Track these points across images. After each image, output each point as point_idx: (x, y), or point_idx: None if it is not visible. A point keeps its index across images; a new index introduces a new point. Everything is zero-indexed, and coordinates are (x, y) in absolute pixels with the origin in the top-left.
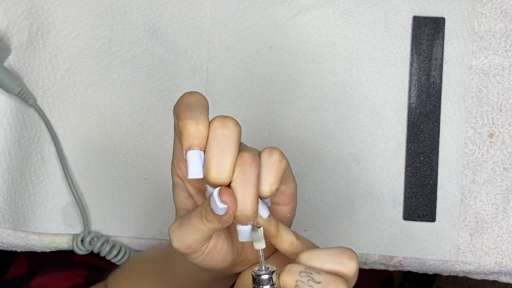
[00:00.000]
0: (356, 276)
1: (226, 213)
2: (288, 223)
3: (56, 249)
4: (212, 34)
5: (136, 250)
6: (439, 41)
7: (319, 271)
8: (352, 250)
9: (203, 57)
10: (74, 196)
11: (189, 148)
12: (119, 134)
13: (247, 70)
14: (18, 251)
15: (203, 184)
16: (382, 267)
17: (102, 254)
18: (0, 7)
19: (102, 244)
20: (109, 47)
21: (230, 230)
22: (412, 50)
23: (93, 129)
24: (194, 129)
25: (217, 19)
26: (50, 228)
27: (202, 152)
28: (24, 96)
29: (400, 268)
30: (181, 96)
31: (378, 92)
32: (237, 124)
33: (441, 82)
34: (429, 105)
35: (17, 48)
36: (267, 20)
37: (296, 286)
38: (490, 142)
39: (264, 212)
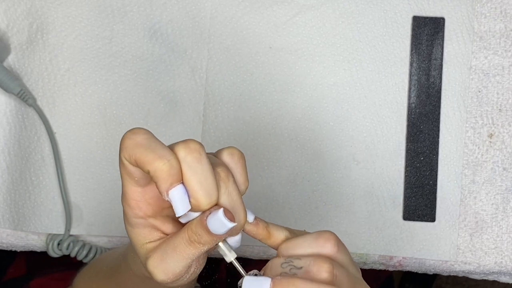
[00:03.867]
0: (344, 255)
1: (228, 231)
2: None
3: None
4: (212, 34)
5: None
6: (438, 41)
7: (300, 257)
8: (330, 232)
9: (203, 57)
10: (63, 197)
11: (170, 188)
12: (120, 134)
13: (247, 70)
14: (18, 251)
15: (170, 211)
16: (382, 267)
17: (79, 258)
18: (0, 7)
19: (79, 249)
20: (109, 47)
21: None
22: (412, 50)
23: (93, 129)
24: (168, 167)
25: (217, 19)
26: (50, 228)
27: (183, 185)
28: (23, 96)
29: (399, 268)
30: (125, 141)
31: (378, 92)
32: (200, 143)
33: (440, 82)
34: (429, 105)
35: (16, 48)
36: (267, 20)
37: (281, 275)
38: (490, 142)
39: (249, 217)
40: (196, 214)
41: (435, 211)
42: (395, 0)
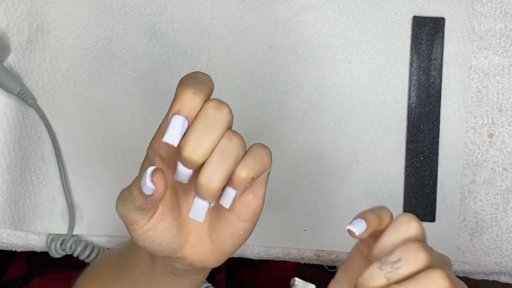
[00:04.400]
0: (424, 230)
1: (152, 195)
2: (240, 242)
3: None
4: (212, 34)
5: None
6: (438, 41)
7: (391, 252)
8: (406, 213)
9: (203, 57)
10: (66, 197)
11: (176, 113)
12: (120, 134)
13: (247, 70)
14: (18, 251)
15: (174, 162)
16: None
17: (81, 258)
18: (0, 7)
19: (82, 248)
20: (109, 47)
21: (178, 218)
22: (412, 50)
23: (93, 129)
24: (189, 97)
25: (217, 19)
26: (50, 228)
27: (187, 122)
28: (24, 96)
29: None
30: (192, 72)
31: (378, 92)
32: (231, 113)
33: (440, 82)
34: (429, 105)
35: (17, 48)
36: (267, 20)
37: (387, 279)
38: (490, 142)
39: (362, 226)
40: (186, 171)
41: (435, 211)
42: (395, 0)
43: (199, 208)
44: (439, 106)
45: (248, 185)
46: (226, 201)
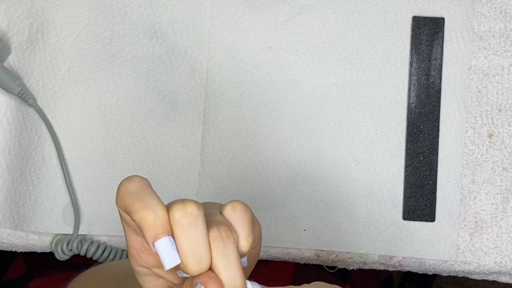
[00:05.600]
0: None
1: None
2: (256, 259)
3: None
4: (212, 34)
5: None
6: (438, 41)
7: None
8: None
9: (203, 57)
10: (71, 196)
11: (156, 239)
12: (120, 135)
13: (247, 70)
14: (18, 251)
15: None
16: (382, 267)
17: (88, 256)
18: (0, 7)
19: (88, 246)
20: (109, 47)
21: None
22: (411, 50)
23: (94, 129)
24: (153, 218)
25: (217, 19)
26: (51, 228)
27: (171, 237)
28: (24, 96)
29: (399, 268)
30: (119, 188)
31: (378, 92)
32: (199, 206)
33: (440, 82)
34: (429, 105)
35: (17, 48)
36: (267, 20)
37: None
38: (490, 142)
39: None
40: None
41: (435, 211)
42: (395, 0)
43: None
44: (438, 106)
45: (252, 246)
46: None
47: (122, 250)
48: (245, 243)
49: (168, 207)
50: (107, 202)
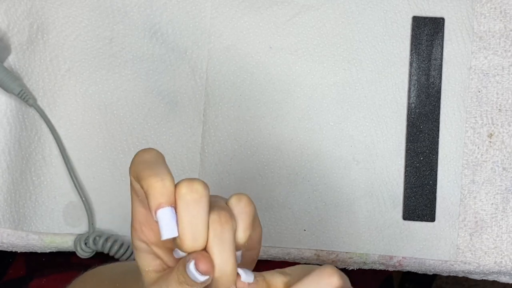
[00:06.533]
0: (345, 283)
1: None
2: (253, 264)
3: (56, 249)
4: (212, 34)
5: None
6: (438, 41)
7: None
8: (330, 266)
9: (203, 57)
10: (80, 195)
11: (159, 207)
12: (120, 134)
13: (247, 70)
14: (18, 251)
15: (171, 242)
16: (382, 267)
17: (105, 251)
18: (1, 7)
19: (105, 241)
20: (109, 47)
21: None
22: (411, 50)
23: (94, 130)
24: (161, 186)
25: (217, 19)
26: (51, 228)
27: (174, 209)
28: (24, 96)
29: (399, 268)
30: (135, 156)
31: (378, 92)
32: (206, 186)
33: (440, 82)
34: (429, 105)
35: (17, 48)
36: (267, 20)
37: None
38: (490, 142)
39: (249, 278)
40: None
41: (435, 211)
42: (395, 0)
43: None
44: (438, 106)
45: (248, 241)
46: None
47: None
48: (242, 235)
49: (176, 183)
50: (108, 202)
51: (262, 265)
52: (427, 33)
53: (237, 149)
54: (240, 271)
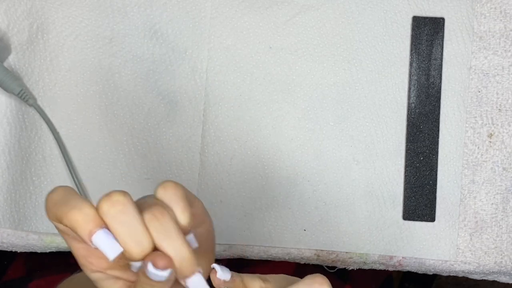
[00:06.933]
0: None
1: (169, 274)
2: (211, 241)
3: (56, 249)
4: (212, 34)
5: None
6: (438, 41)
7: None
8: (320, 275)
9: (203, 57)
10: (80, 195)
11: (91, 234)
12: (120, 135)
13: (247, 70)
14: (18, 251)
15: (123, 259)
16: (382, 267)
17: None
18: (1, 7)
19: None
20: (109, 47)
21: None
22: (411, 50)
23: (94, 129)
24: (82, 216)
25: (217, 19)
26: (51, 228)
27: (106, 229)
28: (24, 96)
29: (399, 268)
30: (46, 202)
31: (378, 92)
32: (125, 193)
33: (440, 82)
34: (429, 105)
35: (17, 48)
36: (267, 20)
37: None
38: (490, 142)
39: (226, 275)
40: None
41: (435, 211)
42: (395, 0)
43: (197, 283)
44: (438, 106)
45: (191, 219)
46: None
47: None
48: (183, 217)
49: (97, 204)
50: None
51: (262, 265)
52: (427, 33)
53: (237, 149)
54: (216, 267)
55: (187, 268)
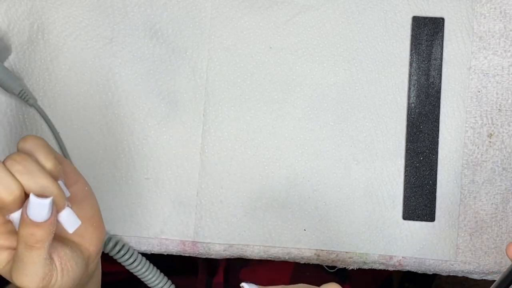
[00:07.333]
0: None
1: (50, 210)
2: (91, 203)
3: None
4: (212, 34)
5: (136, 250)
6: (438, 41)
7: None
8: (335, 284)
9: (203, 57)
10: None
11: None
12: (121, 134)
13: (247, 70)
14: None
15: (7, 225)
16: (382, 267)
17: (105, 252)
18: (1, 7)
19: (108, 241)
20: (110, 47)
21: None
22: (411, 50)
23: (94, 129)
24: None
25: (217, 19)
26: None
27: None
28: (24, 96)
29: (399, 268)
30: None
31: (378, 92)
32: None
33: (440, 82)
34: (429, 105)
35: (17, 48)
36: (267, 20)
37: None
38: (490, 142)
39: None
40: (18, 215)
41: (434, 211)
42: (395, 0)
43: (68, 217)
44: (438, 106)
45: (58, 170)
46: (66, 194)
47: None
48: (47, 161)
49: None
50: (108, 202)
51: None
52: (427, 33)
53: (237, 149)
54: (245, 285)
55: (59, 202)
